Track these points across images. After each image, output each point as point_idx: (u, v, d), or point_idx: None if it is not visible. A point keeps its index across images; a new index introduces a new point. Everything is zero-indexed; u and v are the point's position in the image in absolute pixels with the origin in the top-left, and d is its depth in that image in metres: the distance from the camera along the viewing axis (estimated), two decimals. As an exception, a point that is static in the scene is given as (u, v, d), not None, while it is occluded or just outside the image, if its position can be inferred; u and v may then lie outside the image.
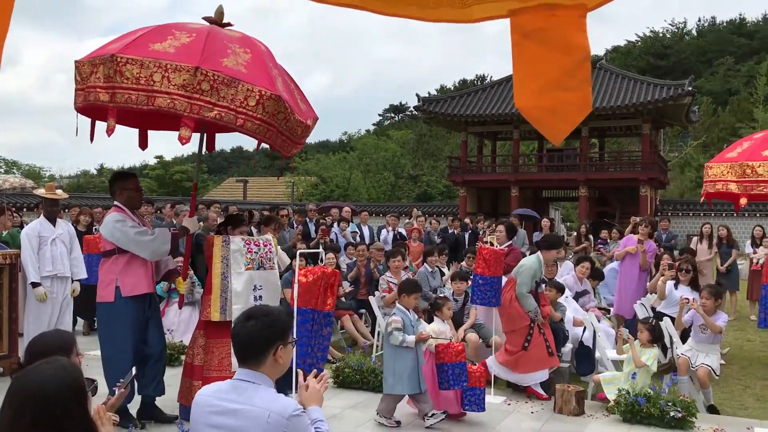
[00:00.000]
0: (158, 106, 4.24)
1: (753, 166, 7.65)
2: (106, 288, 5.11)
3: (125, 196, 5.27)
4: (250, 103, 4.35)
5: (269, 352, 2.50)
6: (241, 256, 5.11)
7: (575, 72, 2.73)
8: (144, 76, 4.23)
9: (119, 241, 5.05)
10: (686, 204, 32.91)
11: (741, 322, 11.34)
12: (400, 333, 5.40)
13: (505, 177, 31.32)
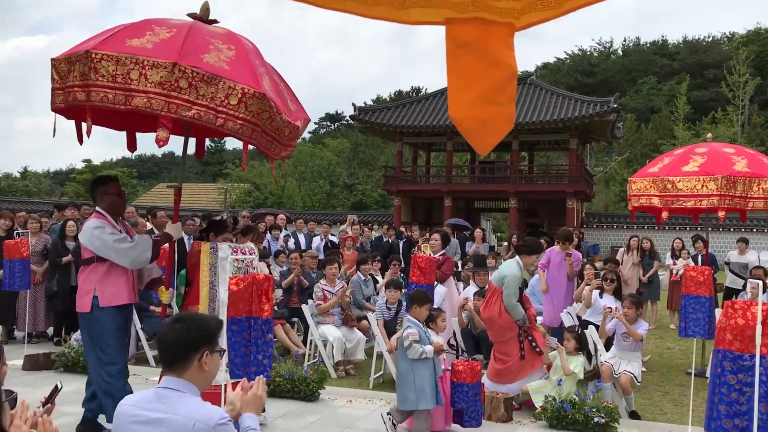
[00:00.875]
0: (135, 106, 4.01)
1: (673, 181, 8.01)
2: (83, 298, 4.85)
3: (107, 202, 5.00)
4: (232, 101, 4.13)
5: (195, 357, 2.45)
6: (229, 264, 4.90)
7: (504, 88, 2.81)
8: (120, 74, 4.00)
9: (97, 248, 4.80)
10: (610, 216, 34.16)
11: (661, 330, 11.82)
12: (419, 345, 5.23)
13: (438, 187, 31.75)
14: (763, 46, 62.50)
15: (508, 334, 6.40)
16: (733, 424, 3.32)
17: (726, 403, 3.33)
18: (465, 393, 5.30)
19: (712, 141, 8.99)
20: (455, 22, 2.72)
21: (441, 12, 2.71)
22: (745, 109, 50.67)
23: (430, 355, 5.24)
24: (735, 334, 3.31)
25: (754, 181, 7.71)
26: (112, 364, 4.84)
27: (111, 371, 4.83)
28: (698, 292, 6.06)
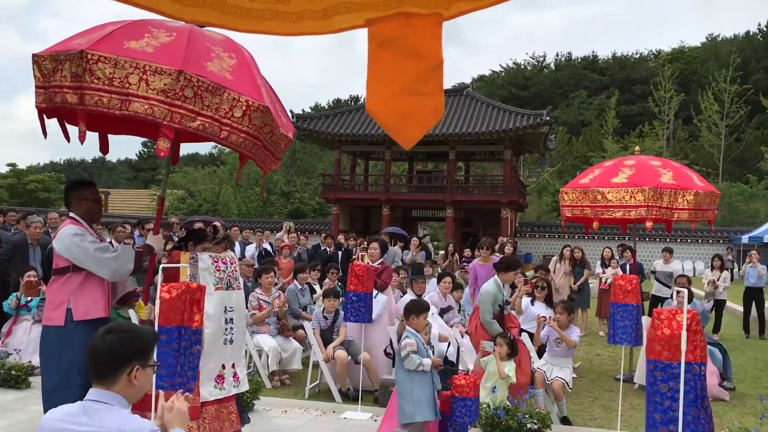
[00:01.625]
0: (134, 112, 3.75)
1: (603, 192, 8.23)
2: (55, 310, 4.45)
3: (84, 208, 4.65)
4: (236, 114, 3.92)
5: (124, 370, 2.36)
6: (210, 275, 4.68)
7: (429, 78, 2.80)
8: (118, 77, 3.73)
9: (76, 257, 4.42)
10: (542, 226, 35.00)
11: (591, 337, 12.14)
12: (417, 356, 5.08)
13: (376, 196, 31.85)
14: (687, 64, 65.42)
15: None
16: (668, 430, 3.42)
17: (660, 411, 3.43)
18: (468, 407, 5.13)
19: (639, 154, 9.30)
20: (377, 21, 2.71)
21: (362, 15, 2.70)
22: (670, 124, 52.87)
23: (427, 369, 5.11)
24: (663, 344, 3.42)
25: (679, 192, 8.00)
26: (71, 387, 4.37)
27: (67, 393, 4.29)
28: (626, 300, 6.25)
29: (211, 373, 4.69)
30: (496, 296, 6.54)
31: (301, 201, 46.22)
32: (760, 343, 12.19)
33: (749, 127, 52.26)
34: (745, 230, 33.43)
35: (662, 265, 12.47)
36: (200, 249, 4.91)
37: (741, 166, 49.63)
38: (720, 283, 12.36)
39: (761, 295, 12.92)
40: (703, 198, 8.17)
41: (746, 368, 9.61)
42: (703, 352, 3.43)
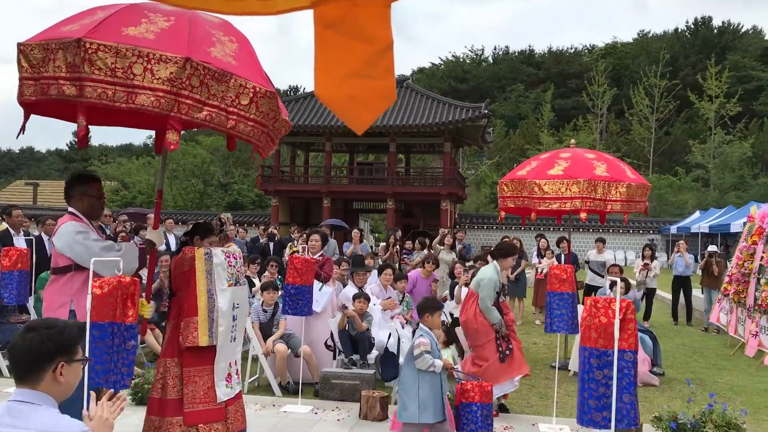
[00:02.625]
0: (140, 105, 3.53)
1: (540, 184, 8.39)
2: (56, 311, 4.22)
3: (86, 204, 4.41)
4: (243, 101, 3.72)
5: (48, 369, 2.26)
6: (223, 271, 4.52)
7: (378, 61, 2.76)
8: (121, 67, 3.48)
9: (80, 256, 4.18)
10: (481, 218, 35.57)
11: (527, 326, 12.39)
12: (430, 357, 4.91)
13: (317, 188, 31.66)
14: (619, 60, 67.37)
15: (483, 338, 6.35)
16: (602, 416, 3.51)
17: (595, 397, 3.52)
18: (474, 413, 4.99)
19: (575, 147, 9.51)
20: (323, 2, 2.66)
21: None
22: (603, 118, 54.40)
23: (438, 370, 4.95)
24: (599, 332, 3.51)
25: (612, 184, 8.23)
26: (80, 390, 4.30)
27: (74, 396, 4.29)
28: (562, 289, 6.38)
29: (223, 373, 4.57)
30: (496, 283, 6.50)
31: (239, 193, 45.54)
32: (687, 330, 12.70)
33: (678, 121, 54.26)
34: (673, 221, 34.77)
35: (595, 255, 12.83)
36: (207, 244, 4.74)
37: (670, 159, 51.52)
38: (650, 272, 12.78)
39: (689, 284, 13.45)
40: (635, 190, 8.44)
41: (674, 354, 9.99)
42: (635, 340, 3.54)
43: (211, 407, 4.44)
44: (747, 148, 44.04)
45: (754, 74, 59.08)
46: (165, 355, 4.61)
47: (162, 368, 4.58)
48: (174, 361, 4.54)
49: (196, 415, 4.42)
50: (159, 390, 4.54)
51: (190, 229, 4.99)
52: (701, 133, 48.42)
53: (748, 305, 9.84)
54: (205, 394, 4.47)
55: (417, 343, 4.98)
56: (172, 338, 4.60)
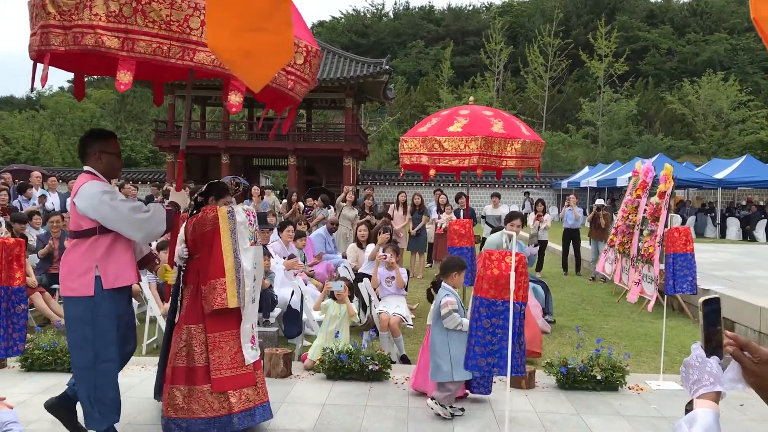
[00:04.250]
0: (199, 63, 3.26)
1: (440, 141, 8.50)
2: (80, 278, 3.89)
3: (104, 162, 4.08)
4: (298, 60, 3.54)
5: None
6: (245, 230, 4.30)
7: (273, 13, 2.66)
8: (176, 20, 3.19)
9: (106, 218, 3.86)
10: (383, 174, 35.84)
11: (427, 280, 12.70)
12: (458, 315, 4.95)
13: (215, 144, 30.80)
14: (516, 18, 68.77)
15: None
16: (487, 362, 3.69)
17: (481, 344, 3.68)
18: None
19: (473, 104, 9.68)
20: None
21: None
22: (500, 75, 55.61)
23: (465, 328, 4.87)
24: (491, 283, 3.65)
25: (508, 141, 8.45)
26: (109, 362, 3.97)
27: (107, 370, 3.97)
28: (461, 243, 6.57)
29: (248, 335, 4.38)
30: (499, 246, 6.88)
31: (132, 149, 43.66)
32: (576, 280, 13.42)
33: (569, 79, 56.30)
34: (564, 176, 36.36)
35: (491, 210, 13.26)
36: (222, 203, 4.48)
37: (562, 117, 53.54)
38: (542, 225, 13.35)
39: (578, 236, 14.16)
40: (529, 146, 8.70)
41: (564, 303, 10.55)
42: (525, 293, 3.72)
43: (240, 372, 4.31)
44: (633, 106, 46.40)
45: (641, 35, 61.94)
46: (187, 321, 4.36)
47: (185, 335, 4.34)
48: (199, 327, 4.33)
49: (225, 381, 4.28)
50: (184, 357, 4.32)
51: (204, 188, 4.76)
52: (591, 92, 50.53)
53: (632, 255, 10.46)
54: (232, 359, 4.31)
55: (444, 303, 5.01)
56: (192, 303, 4.38)
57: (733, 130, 44.56)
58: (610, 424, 4.96)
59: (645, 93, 52.55)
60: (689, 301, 9.89)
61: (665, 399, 5.60)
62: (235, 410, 4.25)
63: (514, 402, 5.33)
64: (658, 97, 52.21)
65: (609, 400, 5.48)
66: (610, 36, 47.96)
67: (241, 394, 4.31)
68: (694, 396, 1.52)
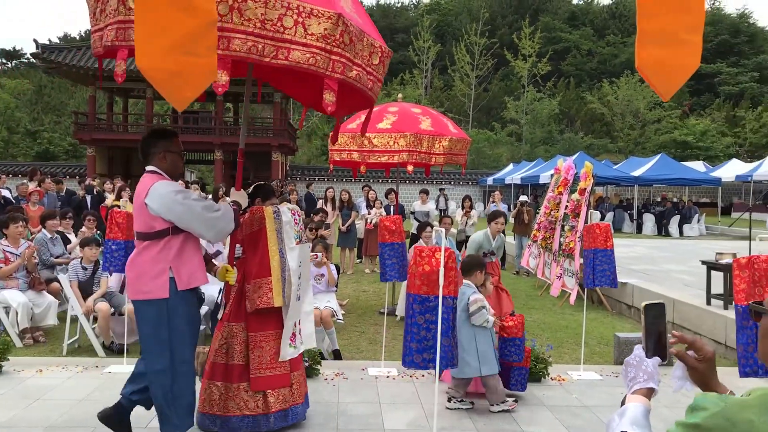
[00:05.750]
0: (294, 62, 3.24)
1: (370, 138, 8.56)
2: (154, 281, 3.78)
3: (169, 161, 4.01)
4: (374, 61, 3.59)
5: None
6: (291, 229, 4.37)
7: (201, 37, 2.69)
8: (271, 19, 3.16)
9: (180, 217, 3.77)
10: (312, 169, 35.67)
11: (357, 275, 12.76)
12: (486, 312, 5.09)
13: (138, 137, 29.85)
14: (443, 16, 69.61)
15: None
16: (422, 357, 3.77)
17: (417, 341, 3.75)
18: (518, 346, 5.36)
19: (402, 101, 9.78)
20: None
21: None
22: (428, 73, 56.20)
23: (490, 325, 5.14)
24: (423, 279, 3.72)
25: (436, 138, 8.59)
26: (185, 363, 3.88)
27: (183, 370, 3.87)
28: (392, 239, 6.64)
29: (288, 332, 4.37)
30: (481, 244, 7.19)
31: (50, 142, 41.87)
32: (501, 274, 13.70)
33: (495, 78, 57.45)
34: (490, 173, 37.14)
35: (420, 206, 13.42)
36: (268, 205, 4.52)
37: (488, 115, 54.62)
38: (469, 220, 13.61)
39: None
40: (455, 143, 8.87)
41: (490, 296, 10.81)
42: (454, 287, 3.80)
43: (278, 373, 4.39)
44: (555, 105, 47.82)
45: (563, 36, 63.84)
46: (230, 319, 4.42)
47: (226, 332, 4.41)
48: (240, 326, 4.40)
49: (263, 381, 4.36)
50: (223, 355, 4.39)
51: (251, 190, 4.83)
52: (515, 91, 51.74)
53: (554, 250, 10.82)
54: (272, 359, 4.38)
55: (473, 300, 5.12)
56: (237, 302, 4.43)
57: (649, 130, 46.56)
58: (534, 414, 5.14)
59: (567, 93, 54.20)
60: (608, 294, 10.30)
61: (586, 389, 5.83)
62: (273, 410, 4.36)
63: (443, 395, 5.44)
64: (579, 97, 53.94)
65: (533, 391, 5.67)
66: (534, 36, 49.19)
67: (279, 394, 4.41)
68: (629, 392, 1.61)
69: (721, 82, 56.48)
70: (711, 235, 23.47)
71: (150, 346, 3.89)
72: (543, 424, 4.92)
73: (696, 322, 7.95)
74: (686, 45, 2.97)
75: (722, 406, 1.28)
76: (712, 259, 8.48)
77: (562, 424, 4.93)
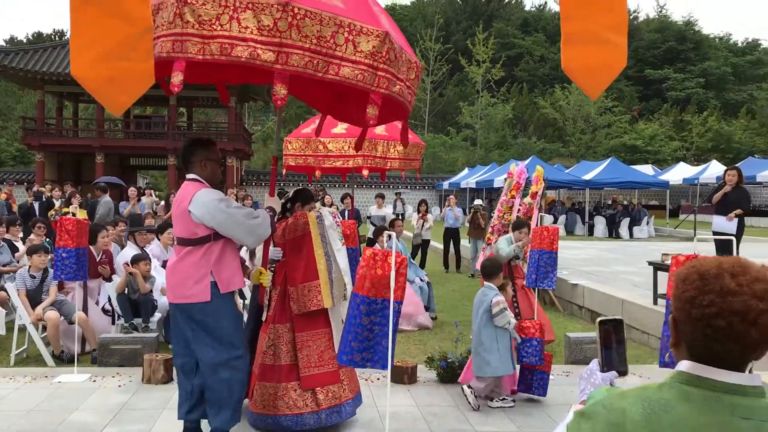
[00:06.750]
0: (344, 77, 3.42)
1: (324, 142, 8.59)
2: (196, 285, 3.95)
3: (209, 169, 4.18)
4: (411, 75, 3.74)
5: None
6: (334, 231, 4.63)
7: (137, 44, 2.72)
8: (325, 36, 3.32)
9: (222, 224, 3.92)
10: (268, 174, 35.40)
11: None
12: (509, 313, 5.34)
13: (89, 142, 29.31)
14: (398, 22, 69.77)
15: None
16: (361, 357, 3.85)
17: (358, 340, 3.83)
18: (534, 347, 5.48)
19: (356, 106, 9.83)
20: None
21: None
22: (384, 78, 56.25)
23: (512, 327, 5.37)
24: (374, 282, 3.79)
25: (391, 143, 8.67)
26: (239, 358, 4.06)
27: (239, 365, 4.06)
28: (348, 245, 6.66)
29: (339, 331, 4.51)
30: (509, 254, 7.61)
31: (-4, 147, 40.69)
32: (456, 277, 13.91)
33: (450, 83, 57.99)
34: (446, 177, 37.47)
35: (376, 210, 13.50)
36: (308, 209, 4.69)
37: (443, 120, 55.08)
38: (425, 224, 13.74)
39: (458, 235, 14.68)
40: (410, 148, 8.95)
41: (446, 299, 10.92)
42: (403, 292, 3.90)
43: (326, 370, 4.53)
44: (509, 111, 48.50)
45: (516, 42, 64.79)
46: (275, 321, 4.59)
47: (273, 334, 4.58)
48: (286, 327, 4.57)
49: (313, 379, 4.50)
50: (271, 356, 4.55)
51: (291, 195, 4.97)
52: (470, 96, 52.30)
53: (507, 253, 11.03)
54: (319, 357, 4.55)
55: (495, 302, 5.36)
56: (281, 304, 4.61)
57: (600, 134, 47.58)
58: (486, 415, 5.23)
59: (520, 98, 55.01)
60: (560, 295, 10.52)
61: (537, 387, 5.95)
62: (323, 407, 4.48)
63: (397, 397, 5.50)
64: (532, 102, 54.81)
65: (486, 391, 5.77)
66: (488, 42, 49.82)
67: (328, 391, 4.53)
68: (577, 403, 1.69)
69: (668, 87, 58.08)
70: (660, 237, 24.13)
71: (203, 347, 4.03)
72: (493, 425, 5.02)
73: (643, 321, 8.19)
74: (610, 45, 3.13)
75: (605, 395, 1.39)
76: (658, 260, 8.75)
77: (513, 423, 5.03)
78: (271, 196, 4.57)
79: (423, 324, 8.69)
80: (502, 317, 5.33)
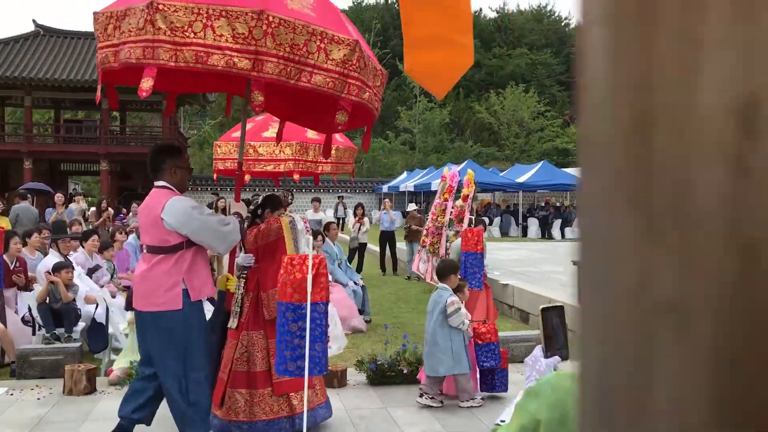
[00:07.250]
0: (316, 85, 3.46)
1: (255, 146, 8.52)
2: (167, 293, 3.93)
3: (179, 177, 4.15)
4: (376, 83, 3.83)
5: None
6: (303, 237, 4.65)
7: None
8: (298, 44, 3.36)
9: (196, 232, 3.92)
10: (204, 179, 34.86)
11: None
12: (463, 313, 5.41)
13: (16, 147, 28.19)
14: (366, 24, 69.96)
15: None
16: (296, 365, 3.84)
17: (290, 348, 3.82)
18: (492, 351, 5.60)
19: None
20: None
21: None
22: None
23: (465, 327, 5.46)
24: (294, 287, 3.79)
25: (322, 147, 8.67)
26: (200, 370, 4.04)
27: (199, 378, 4.03)
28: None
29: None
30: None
31: None
32: (393, 279, 14.00)
33: (389, 88, 58.31)
34: (385, 181, 37.67)
35: (312, 214, 13.47)
36: (277, 215, 4.67)
37: (382, 124, 55.25)
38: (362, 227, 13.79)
39: (393, 238, 14.78)
40: (343, 152, 8.98)
41: (382, 302, 10.98)
42: (326, 293, 3.90)
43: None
44: (446, 115, 49.12)
45: (453, 48, 65.66)
46: (248, 328, 4.57)
47: (245, 341, 4.55)
48: (260, 334, 4.57)
49: (284, 385, 4.53)
50: (245, 363, 4.54)
51: (261, 201, 4.97)
52: (408, 100, 52.73)
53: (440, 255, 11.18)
54: None
55: (450, 302, 5.43)
56: (254, 311, 4.59)
57: (533, 138, 48.68)
58: (413, 415, 5.29)
59: (457, 103, 55.76)
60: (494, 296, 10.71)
61: (465, 387, 6.05)
62: (297, 411, 4.50)
63: (326, 400, 5.50)
64: (469, 107, 55.65)
65: (414, 393, 5.82)
66: (426, 47, 50.27)
67: (302, 396, 4.46)
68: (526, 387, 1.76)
69: (599, 92, 59.84)
70: (591, 238, 24.80)
71: (165, 357, 4.01)
72: (420, 424, 5.08)
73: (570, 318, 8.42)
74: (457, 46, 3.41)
75: (553, 375, 1.54)
76: (583, 259, 9.01)
77: (439, 423, 5.11)
78: (237, 202, 4.68)
79: (356, 327, 8.71)
80: (457, 317, 5.41)
